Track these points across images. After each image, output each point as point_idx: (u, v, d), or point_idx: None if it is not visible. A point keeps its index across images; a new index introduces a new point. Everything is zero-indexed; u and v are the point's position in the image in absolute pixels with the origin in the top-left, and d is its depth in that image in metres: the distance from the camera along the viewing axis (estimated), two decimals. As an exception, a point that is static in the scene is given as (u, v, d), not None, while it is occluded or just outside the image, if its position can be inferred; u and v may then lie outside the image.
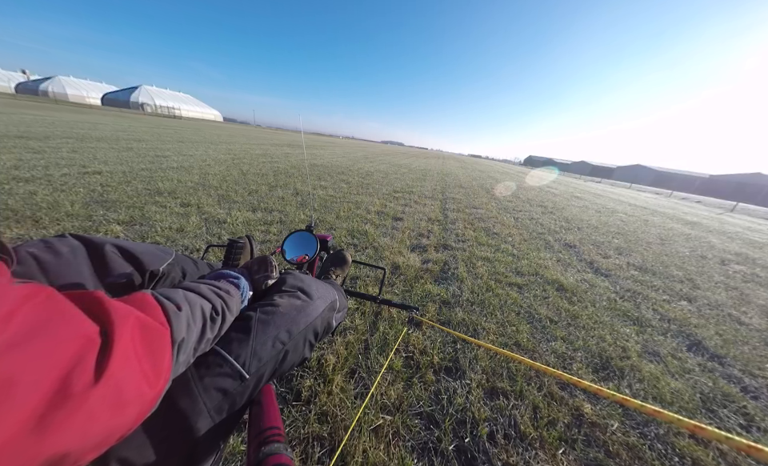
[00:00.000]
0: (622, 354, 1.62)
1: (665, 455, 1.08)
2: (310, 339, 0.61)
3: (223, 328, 0.48)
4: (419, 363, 1.32)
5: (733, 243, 5.72)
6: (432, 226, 3.60)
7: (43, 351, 0.22)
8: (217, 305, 0.47)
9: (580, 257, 3.22)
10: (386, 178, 7.43)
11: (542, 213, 5.61)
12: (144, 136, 9.58)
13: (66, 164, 4.17)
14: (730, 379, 1.56)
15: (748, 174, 67.86)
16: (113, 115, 23.23)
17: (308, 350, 0.61)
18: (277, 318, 0.55)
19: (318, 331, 0.63)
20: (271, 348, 0.51)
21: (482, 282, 2.22)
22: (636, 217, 7.20)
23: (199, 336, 0.42)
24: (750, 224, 10.40)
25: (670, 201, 17.89)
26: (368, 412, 1.05)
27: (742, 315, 2.36)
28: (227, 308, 0.49)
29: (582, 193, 12.20)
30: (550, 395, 1.25)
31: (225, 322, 0.48)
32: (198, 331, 0.41)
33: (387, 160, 14.33)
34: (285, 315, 0.56)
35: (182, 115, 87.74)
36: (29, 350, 0.22)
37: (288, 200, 3.85)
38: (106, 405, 0.25)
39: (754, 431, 1.25)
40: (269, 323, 0.53)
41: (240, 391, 0.46)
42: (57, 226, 2.17)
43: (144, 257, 0.59)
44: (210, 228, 2.54)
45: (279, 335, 0.53)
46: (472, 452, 0.99)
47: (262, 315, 0.54)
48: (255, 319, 0.53)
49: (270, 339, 0.52)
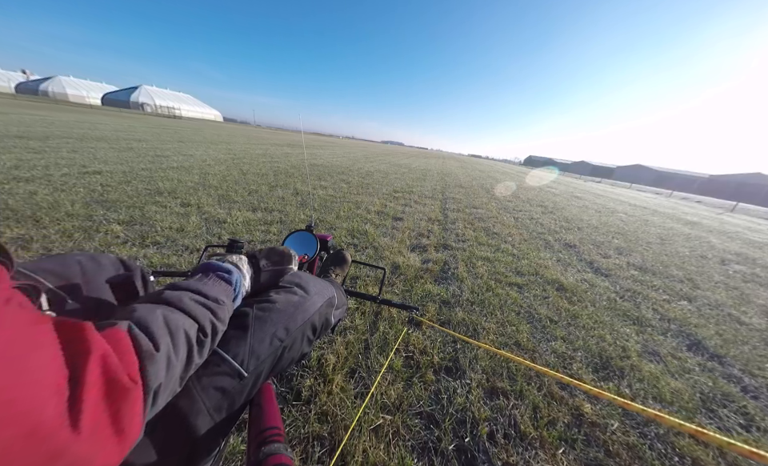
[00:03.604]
0: (621, 354, 1.62)
1: (665, 455, 1.08)
2: (308, 334, 0.60)
3: (213, 345, 0.45)
4: (419, 362, 1.32)
5: (733, 242, 5.72)
6: (432, 226, 3.60)
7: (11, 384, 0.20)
8: (205, 324, 0.41)
9: (580, 257, 3.22)
10: (386, 178, 7.42)
11: (542, 213, 5.61)
12: (144, 136, 9.58)
13: (66, 164, 4.17)
14: (729, 379, 1.56)
15: (748, 174, 67.85)
16: (113, 115, 23.23)
17: (306, 345, 0.60)
18: (274, 315, 0.54)
19: (316, 327, 0.62)
20: (269, 346, 0.51)
21: (481, 282, 2.22)
22: (636, 217, 7.20)
23: (185, 366, 0.38)
24: (750, 224, 10.40)
25: (670, 201, 17.89)
26: (368, 412, 1.05)
27: (742, 315, 2.36)
28: (217, 322, 0.44)
29: (582, 193, 12.20)
30: (550, 395, 1.25)
31: (215, 338, 0.45)
32: (182, 363, 0.37)
33: (387, 160, 14.33)
34: (282, 311, 0.55)
35: (182, 115, 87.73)
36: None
37: (288, 200, 3.85)
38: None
39: (754, 432, 1.25)
40: (266, 320, 0.53)
41: (239, 389, 0.46)
42: (57, 226, 2.17)
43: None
44: (210, 228, 2.54)
45: (277, 332, 0.53)
46: (472, 452, 0.99)
47: (259, 312, 0.53)
48: (252, 316, 0.52)
49: (267, 337, 0.51)
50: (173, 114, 75.04)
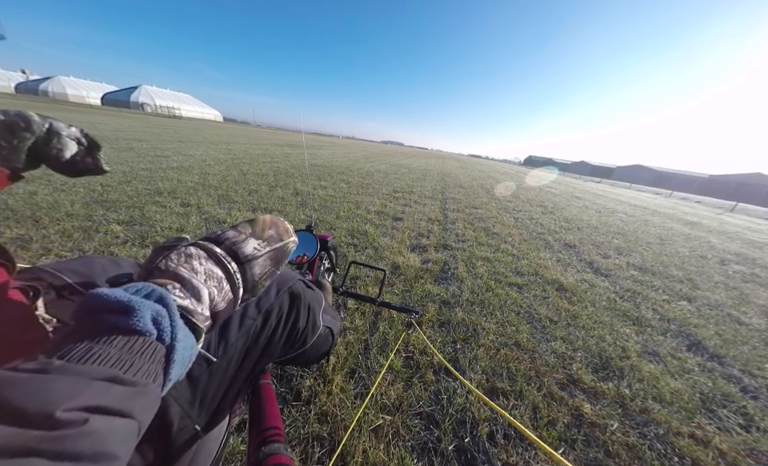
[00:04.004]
0: (621, 354, 1.62)
1: (665, 455, 1.08)
2: (285, 307, 0.55)
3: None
4: (419, 363, 1.32)
5: (732, 243, 5.72)
6: (432, 226, 3.60)
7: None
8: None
9: (580, 257, 3.22)
10: (385, 178, 7.43)
11: (542, 213, 5.61)
12: (144, 136, 9.58)
13: (65, 164, 4.16)
14: (729, 379, 1.56)
15: (748, 174, 67.90)
16: (113, 115, 23.22)
17: (290, 328, 0.55)
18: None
19: (296, 294, 0.57)
20: (239, 326, 0.48)
21: (481, 282, 2.22)
22: (636, 217, 7.20)
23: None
24: (750, 224, 10.40)
25: (669, 201, 17.90)
26: (368, 412, 1.05)
27: (742, 315, 2.36)
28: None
29: (581, 193, 12.20)
30: (550, 395, 1.25)
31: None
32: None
33: (387, 160, 14.33)
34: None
35: (183, 115, 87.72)
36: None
37: (288, 200, 3.85)
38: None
39: (754, 432, 1.25)
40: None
41: (210, 375, 0.44)
42: (57, 226, 2.17)
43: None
44: (211, 228, 2.54)
45: (248, 311, 0.50)
46: (472, 452, 0.99)
47: None
48: None
49: (236, 317, 0.49)
50: (173, 114, 75.05)
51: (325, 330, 0.69)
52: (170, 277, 0.30)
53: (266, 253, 0.39)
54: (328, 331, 0.72)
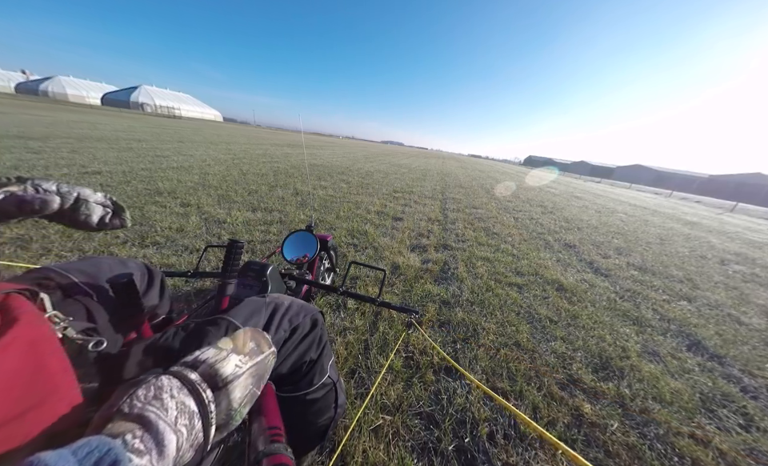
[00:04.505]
0: (621, 354, 1.62)
1: (665, 455, 1.08)
2: (306, 329, 0.59)
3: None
4: (419, 363, 1.32)
5: (732, 243, 5.72)
6: (432, 226, 3.60)
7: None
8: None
9: (580, 257, 3.22)
10: (385, 178, 7.43)
11: (542, 213, 5.61)
12: (144, 136, 9.58)
13: (65, 164, 4.16)
14: (729, 379, 1.56)
15: (748, 174, 67.91)
16: (113, 115, 23.21)
17: (305, 343, 0.58)
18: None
19: (316, 322, 0.61)
20: (275, 331, 0.54)
21: (481, 282, 2.22)
22: (636, 217, 7.20)
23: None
24: (750, 224, 10.40)
25: (669, 201, 17.90)
26: (368, 412, 1.05)
27: (742, 315, 2.36)
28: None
29: (581, 193, 12.20)
30: (550, 395, 1.25)
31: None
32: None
33: (387, 160, 14.33)
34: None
35: (182, 115, 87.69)
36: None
37: (288, 200, 3.85)
38: None
39: (754, 432, 1.25)
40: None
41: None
42: (57, 226, 2.17)
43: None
44: (210, 228, 2.54)
45: (282, 323, 0.56)
46: (472, 452, 0.99)
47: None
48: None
49: (276, 317, 0.56)
50: (173, 114, 75.03)
51: (329, 382, 0.63)
52: (132, 420, 0.26)
53: (248, 369, 0.36)
54: (332, 389, 0.64)
